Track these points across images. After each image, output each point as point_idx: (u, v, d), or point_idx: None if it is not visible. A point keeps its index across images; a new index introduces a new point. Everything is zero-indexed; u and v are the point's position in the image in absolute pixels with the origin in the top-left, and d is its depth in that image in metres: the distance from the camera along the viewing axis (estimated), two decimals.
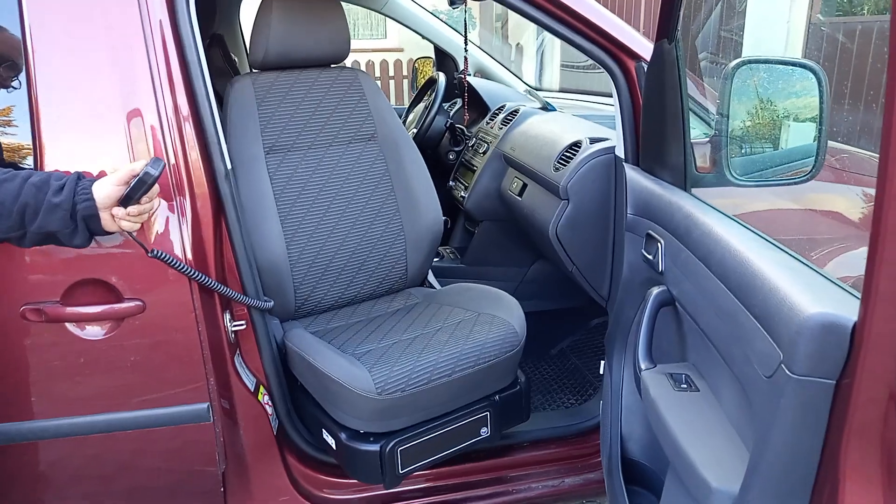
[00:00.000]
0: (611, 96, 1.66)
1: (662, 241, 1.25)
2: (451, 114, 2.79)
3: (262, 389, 1.62)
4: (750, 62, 1.31)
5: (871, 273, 0.67)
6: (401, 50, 7.88)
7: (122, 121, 1.34)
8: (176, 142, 1.38)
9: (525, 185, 2.09)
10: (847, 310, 0.75)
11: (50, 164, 1.32)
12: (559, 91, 3.32)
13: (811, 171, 1.27)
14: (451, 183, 2.61)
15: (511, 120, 2.37)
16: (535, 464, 1.85)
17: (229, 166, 1.49)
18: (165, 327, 1.40)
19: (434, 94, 2.69)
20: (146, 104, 1.35)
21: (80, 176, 1.24)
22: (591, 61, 1.64)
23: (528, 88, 2.87)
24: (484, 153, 2.42)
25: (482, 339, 1.60)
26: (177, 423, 1.46)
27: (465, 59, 2.55)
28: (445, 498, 1.77)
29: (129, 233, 1.29)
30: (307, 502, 1.69)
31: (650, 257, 1.29)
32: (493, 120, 2.53)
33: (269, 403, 1.63)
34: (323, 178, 1.82)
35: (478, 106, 2.74)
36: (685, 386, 1.08)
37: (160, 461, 1.50)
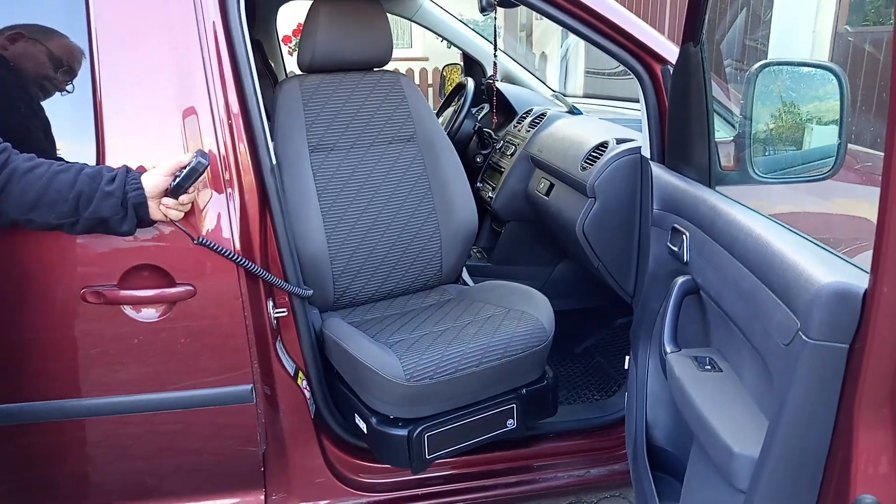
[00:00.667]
0: (635, 101, 1.72)
1: (688, 234, 1.31)
2: (479, 118, 2.87)
3: (300, 375, 1.70)
4: (773, 64, 1.37)
5: (879, 243, 0.72)
6: (426, 59, 8.01)
7: (177, 116, 1.44)
8: (226, 137, 1.47)
9: (552, 186, 2.15)
10: (859, 281, 0.81)
11: (110, 155, 1.41)
12: (584, 96, 3.38)
13: (832, 168, 1.32)
14: (478, 184, 2.68)
15: (539, 123, 2.44)
16: (561, 454, 1.90)
17: (274, 161, 1.58)
18: (214, 312, 1.48)
19: (463, 99, 2.77)
20: (200, 101, 1.45)
21: (129, 169, 1.35)
22: (615, 67, 1.71)
23: (555, 93, 2.94)
24: (511, 155, 2.49)
25: (510, 333, 1.66)
26: (222, 404, 1.54)
27: (495, 63, 2.63)
28: (472, 484, 1.83)
29: (175, 221, 1.38)
30: (342, 484, 1.76)
31: (675, 249, 1.35)
32: (520, 123, 2.60)
33: (308, 388, 1.71)
34: (363, 176, 1.91)
35: (505, 111, 2.82)
36: (709, 367, 1.14)
37: (205, 440, 1.58)
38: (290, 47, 7.13)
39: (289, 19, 7.05)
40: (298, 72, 1.97)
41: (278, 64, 3.18)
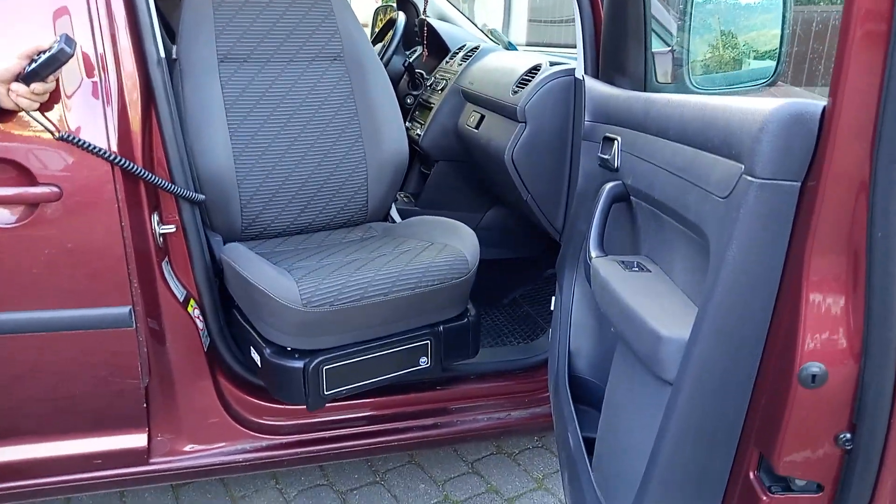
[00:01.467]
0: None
1: (619, 138, 1.20)
2: (412, 59, 2.71)
3: (192, 302, 1.52)
4: None
5: (841, 56, 0.62)
6: None
7: None
8: (102, 18, 1.28)
9: (482, 117, 2.02)
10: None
11: None
12: (527, 45, 3.26)
13: (773, 75, 1.24)
14: (407, 124, 2.53)
15: (471, 56, 2.30)
16: (481, 396, 1.80)
17: (163, 54, 1.38)
18: (84, 218, 1.29)
19: (393, 33, 2.60)
20: None
21: None
22: (558, 15, 1.59)
23: (492, 30, 2.81)
24: (442, 90, 2.35)
25: (426, 263, 1.52)
26: (95, 328, 1.35)
27: None
28: (385, 427, 1.70)
29: (28, 112, 1.19)
30: (239, 426, 1.60)
31: (606, 157, 1.25)
32: (452, 59, 2.45)
33: (200, 318, 1.53)
34: (280, 94, 1.72)
35: (438, 49, 2.67)
36: (636, 269, 1.04)
37: (76, 370, 1.39)
38: None
39: None
40: None
41: None
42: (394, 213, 1.98)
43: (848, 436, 0.75)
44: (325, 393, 1.47)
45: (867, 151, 0.66)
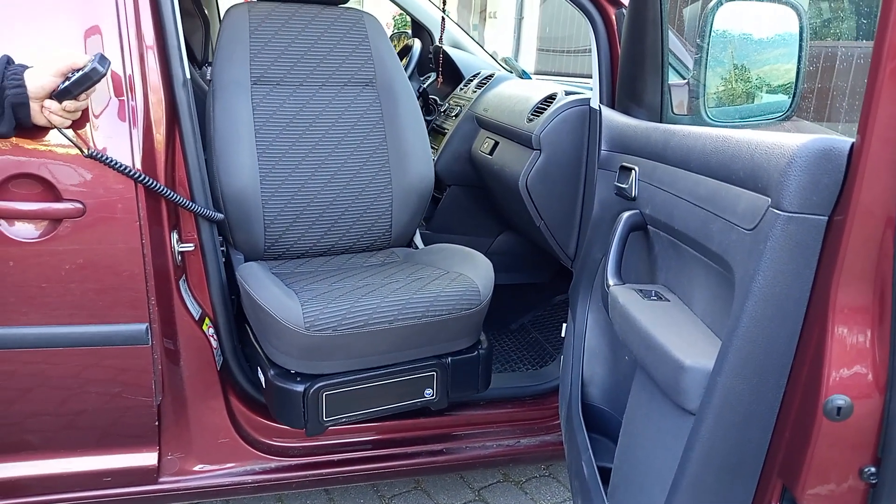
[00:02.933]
0: (589, 76, 1.62)
1: (637, 168, 1.21)
2: (426, 85, 2.75)
3: (207, 321, 1.53)
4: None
5: (871, 93, 0.63)
6: None
7: (77, 11, 1.26)
8: (132, 39, 1.30)
9: (497, 144, 2.05)
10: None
11: None
12: (535, 73, 3.30)
13: (788, 109, 1.26)
14: None
15: (486, 84, 2.33)
16: (490, 423, 1.79)
17: (188, 75, 1.41)
18: (106, 235, 1.30)
19: (408, 60, 2.64)
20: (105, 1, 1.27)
21: (9, 60, 1.16)
22: (567, 46, 1.62)
23: (506, 58, 2.85)
24: (456, 116, 2.38)
25: (436, 292, 1.49)
26: (111, 345, 1.35)
27: (443, 21, 2.51)
28: (394, 451, 1.69)
29: (60, 129, 1.20)
30: (248, 447, 1.59)
31: (624, 186, 1.26)
32: (467, 86, 2.49)
33: (214, 337, 1.54)
34: (310, 117, 1.73)
35: (453, 76, 2.71)
36: (654, 298, 1.04)
37: (89, 387, 1.39)
38: None
39: None
40: None
41: (212, 8, 2.98)
42: (417, 239, 1.97)
43: (872, 469, 0.75)
44: (325, 419, 1.45)
45: (894, 187, 0.67)
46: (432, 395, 1.56)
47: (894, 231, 0.67)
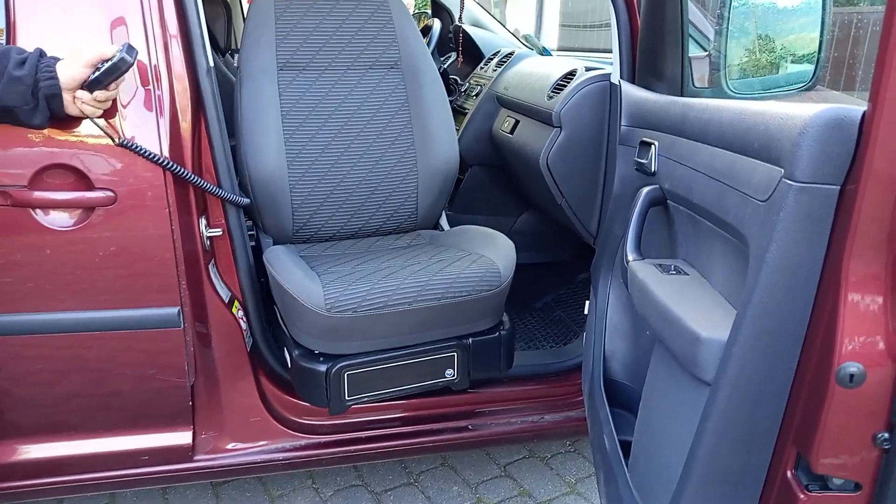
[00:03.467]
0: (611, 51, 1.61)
1: (657, 142, 1.21)
2: (447, 65, 2.74)
3: (236, 304, 1.57)
4: None
5: (882, 61, 0.63)
6: None
7: (103, 2, 1.29)
8: (156, 29, 1.33)
9: (517, 123, 2.05)
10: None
11: (22, 42, 1.26)
12: (558, 50, 3.28)
13: (811, 80, 1.24)
14: None
15: (506, 62, 2.33)
16: (515, 400, 1.81)
17: (211, 63, 1.44)
18: (137, 222, 1.34)
19: (428, 40, 2.63)
20: None
21: (42, 52, 1.19)
22: (590, 21, 1.60)
23: (527, 35, 2.83)
24: (476, 96, 2.38)
25: (455, 274, 1.50)
26: (145, 328, 1.40)
27: (462, 1, 2.50)
28: (419, 428, 1.72)
29: (92, 118, 1.24)
30: (279, 425, 1.64)
31: (644, 162, 1.26)
32: (487, 65, 2.48)
33: (244, 319, 1.58)
34: (336, 101, 1.75)
35: (473, 55, 2.70)
36: (674, 272, 1.05)
37: (125, 369, 1.44)
38: None
39: None
40: None
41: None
42: (443, 221, 1.98)
43: (886, 435, 0.75)
44: (347, 398, 1.49)
45: None
46: (453, 376, 1.58)
47: None
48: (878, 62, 0.65)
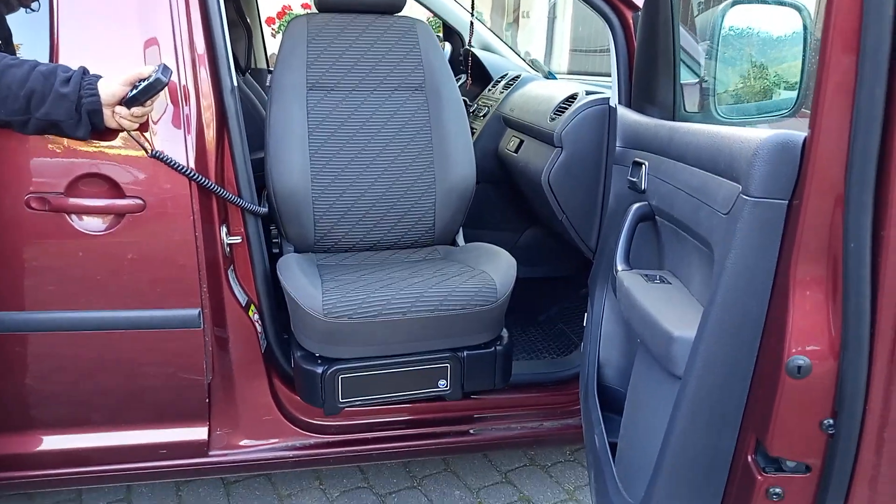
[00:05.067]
0: None
1: (647, 163, 1.30)
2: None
3: (252, 308, 1.66)
4: (741, 1, 1.37)
5: (819, 92, 0.72)
6: None
7: (137, 25, 1.40)
8: (185, 50, 1.44)
9: (522, 142, 2.14)
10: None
11: (63, 59, 1.37)
12: (568, 74, 3.38)
13: (794, 105, 1.32)
14: None
15: (512, 85, 2.43)
16: (515, 406, 1.88)
17: (235, 83, 1.55)
18: (163, 228, 1.44)
19: None
20: (161, 14, 1.41)
21: (85, 71, 1.30)
22: (599, 45, 1.70)
23: (533, 60, 2.94)
24: (484, 116, 2.48)
25: (451, 287, 1.56)
26: (167, 328, 1.50)
27: (472, 25, 2.61)
28: (424, 430, 1.80)
29: (129, 132, 1.35)
30: (290, 424, 1.72)
31: (634, 180, 1.35)
32: (494, 87, 2.59)
33: (259, 322, 1.67)
34: (361, 120, 1.84)
35: (482, 78, 2.81)
36: (658, 281, 1.13)
37: (147, 366, 1.53)
38: (273, 29, 7.07)
39: (275, 2, 6.99)
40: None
41: (254, 18, 3.14)
42: (460, 237, 2.03)
43: (831, 421, 0.84)
44: (341, 400, 1.56)
45: (841, 175, 0.76)
46: (446, 387, 1.63)
47: (843, 213, 0.76)
48: (814, 98, 0.75)
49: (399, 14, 1.94)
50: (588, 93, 1.87)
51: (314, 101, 1.81)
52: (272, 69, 1.85)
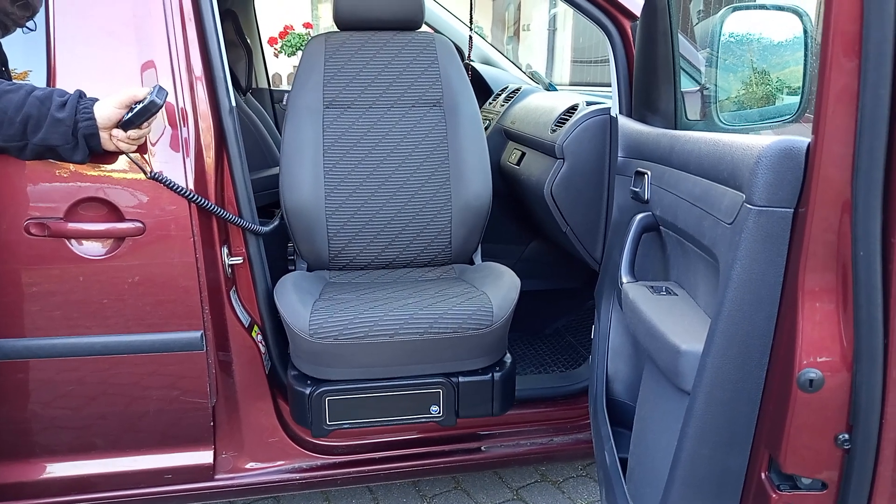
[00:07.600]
0: None
1: (649, 172, 1.28)
2: None
3: (256, 328, 1.65)
4: (740, 8, 1.36)
5: (821, 96, 0.70)
6: None
7: (134, 47, 1.40)
8: (183, 72, 1.44)
9: (523, 154, 2.13)
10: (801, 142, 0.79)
11: (60, 83, 1.37)
12: (569, 85, 3.38)
13: (797, 112, 1.30)
14: None
15: (513, 97, 2.42)
16: (524, 422, 1.85)
17: (234, 103, 1.54)
18: (164, 251, 1.43)
19: None
20: (157, 36, 1.41)
21: (81, 94, 1.30)
22: (600, 55, 1.69)
23: (534, 72, 2.94)
24: (485, 129, 2.47)
25: (443, 309, 1.50)
26: (169, 351, 1.48)
27: (470, 39, 2.61)
28: (433, 449, 1.78)
29: (127, 154, 1.34)
30: (297, 445, 1.70)
31: (637, 191, 1.33)
32: (495, 100, 2.58)
33: (262, 343, 1.66)
34: (377, 137, 1.83)
35: (482, 91, 2.80)
36: (664, 293, 1.11)
37: (150, 390, 1.52)
38: (275, 49, 7.11)
39: (276, 22, 7.04)
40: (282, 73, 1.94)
41: (254, 38, 3.16)
42: (477, 255, 1.98)
43: (846, 436, 0.81)
44: (328, 423, 1.53)
45: (848, 180, 0.74)
46: (439, 413, 1.56)
47: (850, 219, 0.74)
48: (816, 103, 0.73)
49: (421, 31, 1.92)
50: (589, 103, 1.86)
51: (330, 118, 1.81)
52: (273, 88, 1.85)
